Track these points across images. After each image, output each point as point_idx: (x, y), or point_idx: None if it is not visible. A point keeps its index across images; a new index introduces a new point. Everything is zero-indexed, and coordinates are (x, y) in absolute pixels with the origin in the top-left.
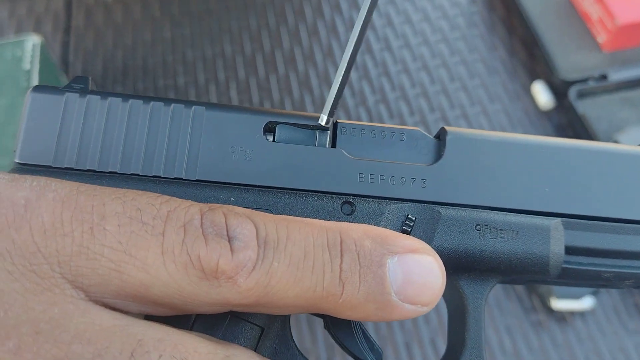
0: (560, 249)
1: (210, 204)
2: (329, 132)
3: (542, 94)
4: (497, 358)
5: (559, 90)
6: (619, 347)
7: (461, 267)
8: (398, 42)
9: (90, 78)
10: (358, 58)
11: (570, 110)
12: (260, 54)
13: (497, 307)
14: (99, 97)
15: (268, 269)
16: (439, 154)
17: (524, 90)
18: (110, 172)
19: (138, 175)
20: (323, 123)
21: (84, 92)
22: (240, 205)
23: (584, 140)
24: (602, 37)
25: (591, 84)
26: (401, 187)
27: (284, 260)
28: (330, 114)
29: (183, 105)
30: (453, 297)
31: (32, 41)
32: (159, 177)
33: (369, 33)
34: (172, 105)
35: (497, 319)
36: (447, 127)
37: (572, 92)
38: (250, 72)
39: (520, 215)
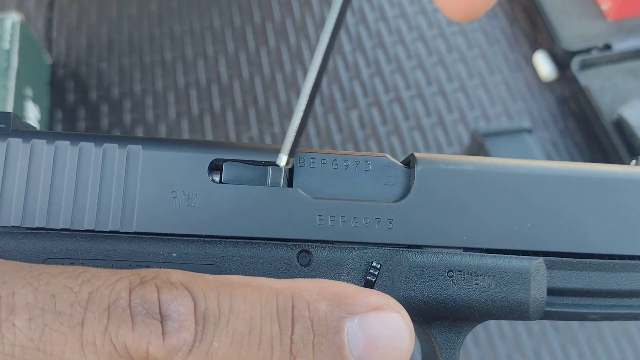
0: (542, 293)
1: (142, 273)
2: (283, 168)
3: (544, 65)
4: (497, 343)
5: (561, 60)
6: (622, 332)
7: (432, 316)
8: (394, 11)
9: (12, 114)
10: (352, 31)
11: (573, 81)
12: (250, 26)
13: None
14: (20, 139)
15: (207, 350)
16: (407, 185)
17: (526, 60)
18: (36, 229)
19: (68, 230)
20: (282, 164)
21: (3, 132)
22: (184, 261)
23: (567, 163)
24: (606, 4)
25: (595, 54)
26: (365, 229)
27: (225, 338)
28: (291, 154)
29: (116, 145)
30: (424, 346)
31: (12, 19)
32: (92, 231)
33: (363, 2)
34: (104, 145)
35: None
36: (417, 154)
37: (575, 63)
38: (240, 46)
39: (498, 256)
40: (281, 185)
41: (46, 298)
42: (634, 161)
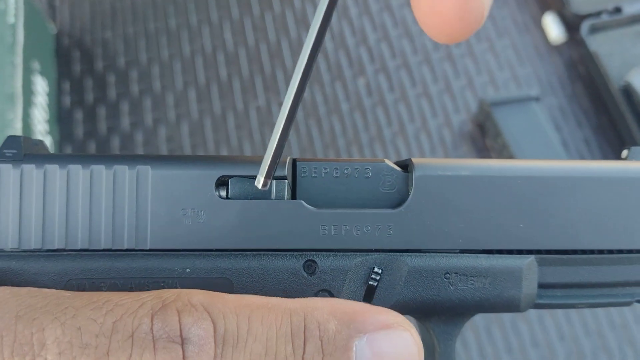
0: (533, 289)
1: (164, 296)
2: (286, 181)
3: (553, 27)
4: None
5: (571, 23)
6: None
7: (430, 313)
8: None
9: (22, 138)
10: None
11: (581, 44)
12: None
13: None
14: (33, 165)
15: None
16: (406, 190)
17: (534, 23)
18: (56, 250)
19: (87, 250)
20: (260, 186)
21: (16, 159)
22: (197, 276)
23: (559, 162)
24: None
25: (604, 17)
26: (366, 236)
27: (243, 359)
28: (268, 175)
29: (126, 167)
30: (423, 336)
31: None
32: (109, 250)
33: None
34: (114, 167)
35: None
36: (414, 160)
37: (584, 27)
38: (245, 11)
39: (492, 257)
40: (285, 198)
41: (73, 331)
42: (625, 151)
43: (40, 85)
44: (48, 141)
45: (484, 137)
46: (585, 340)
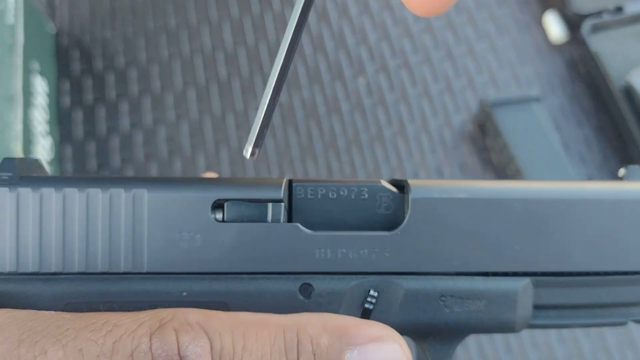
0: (528, 311)
1: (161, 316)
2: (283, 204)
3: (554, 26)
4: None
5: (572, 22)
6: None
7: (426, 334)
8: None
9: (17, 160)
10: None
11: (582, 44)
12: None
13: None
14: (29, 189)
15: None
16: (402, 212)
17: (535, 21)
18: (54, 274)
19: (84, 273)
20: (248, 156)
21: (12, 182)
22: (194, 299)
23: (556, 183)
24: None
25: (606, 17)
26: (362, 259)
27: None
28: (256, 144)
29: (122, 190)
30: (419, 356)
31: None
32: (106, 273)
33: None
34: (110, 191)
35: None
36: (410, 182)
37: (586, 27)
38: (244, 10)
39: (488, 279)
40: (282, 221)
41: (75, 353)
42: (622, 170)
43: (40, 86)
44: (48, 142)
45: (484, 137)
46: (585, 342)
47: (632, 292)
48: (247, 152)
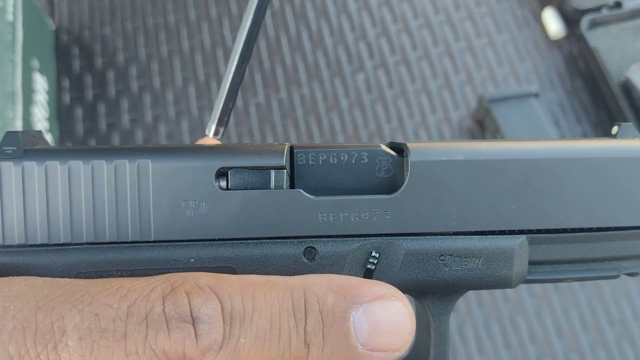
0: (524, 267)
1: (172, 280)
2: (285, 171)
3: (552, 22)
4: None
5: (570, 18)
6: (626, 337)
7: (426, 292)
8: None
9: (20, 133)
10: None
11: (581, 39)
12: None
13: None
14: (34, 162)
15: (235, 346)
16: (402, 175)
17: (534, 17)
18: (63, 244)
19: (92, 243)
20: (210, 135)
21: (16, 156)
22: (201, 265)
23: (551, 142)
24: None
25: (605, 12)
26: (364, 222)
27: (250, 334)
28: (220, 123)
29: (127, 161)
30: (419, 313)
31: None
32: (114, 242)
33: None
34: (115, 162)
35: None
36: (409, 145)
37: (584, 22)
38: (244, 7)
39: (485, 238)
40: (284, 187)
41: (91, 317)
42: (615, 127)
43: (40, 83)
44: (48, 139)
45: (483, 133)
46: (583, 336)
47: (624, 246)
48: (210, 130)
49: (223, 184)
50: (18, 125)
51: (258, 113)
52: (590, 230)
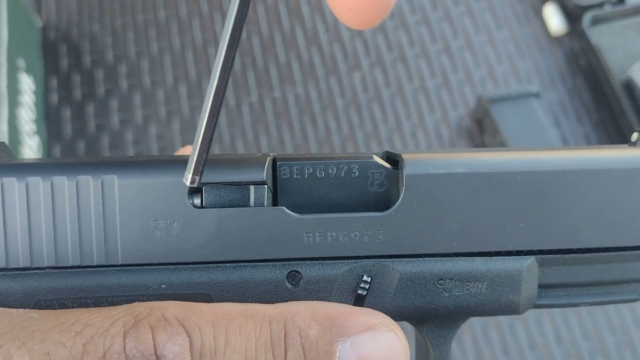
0: (533, 292)
1: (136, 311)
2: (266, 186)
3: (554, 18)
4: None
5: (572, 14)
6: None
7: (424, 319)
8: None
9: None
10: None
11: (583, 36)
12: None
13: None
14: None
15: None
16: (396, 190)
17: (535, 13)
18: (22, 269)
19: (54, 267)
20: (187, 183)
21: None
22: (173, 292)
23: (560, 151)
24: None
25: (607, 8)
26: (354, 243)
27: None
28: (195, 172)
29: (90, 177)
30: (417, 340)
31: None
32: (78, 267)
33: None
34: (77, 178)
35: None
36: (405, 156)
37: (586, 18)
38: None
39: (489, 260)
40: (265, 204)
41: (41, 357)
42: (635, 134)
43: (26, 83)
44: (35, 141)
45: (482, 133)
46: (583, 343)
47: None
48: (187, 179)
49: (197, 201)
50: (3, 129)
51: (251, 113)
52: (607, 250)
